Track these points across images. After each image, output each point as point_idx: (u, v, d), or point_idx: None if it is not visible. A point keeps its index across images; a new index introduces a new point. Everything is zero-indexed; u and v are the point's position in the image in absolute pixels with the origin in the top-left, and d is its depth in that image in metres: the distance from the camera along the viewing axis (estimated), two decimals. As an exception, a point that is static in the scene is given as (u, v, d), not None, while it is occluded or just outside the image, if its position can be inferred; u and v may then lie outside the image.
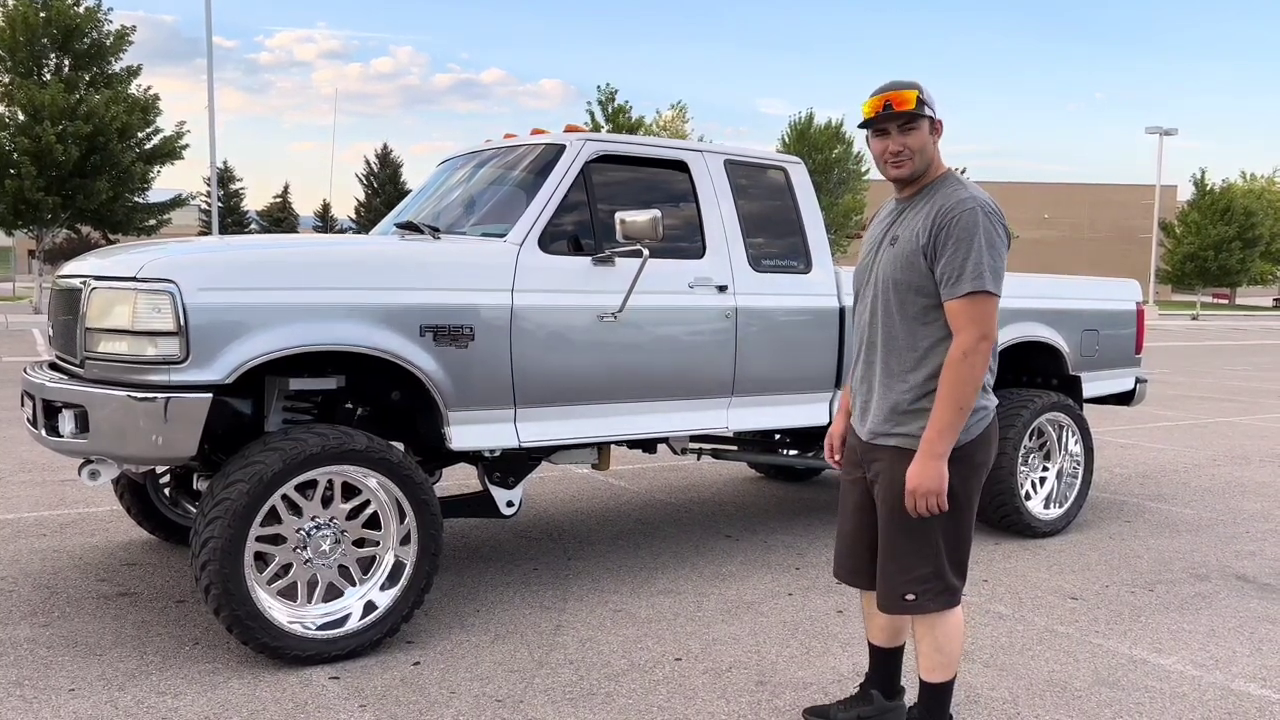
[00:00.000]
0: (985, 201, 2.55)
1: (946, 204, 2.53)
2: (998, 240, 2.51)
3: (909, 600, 2.64)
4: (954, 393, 2.47)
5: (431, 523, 3.68)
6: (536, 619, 4.00)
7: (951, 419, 2.47)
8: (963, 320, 2.48)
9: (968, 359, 2.46)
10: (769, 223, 4.80)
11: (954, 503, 2.57)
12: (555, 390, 4.06)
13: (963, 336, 2.48)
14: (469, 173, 4.83)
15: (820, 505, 6.29)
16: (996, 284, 2.48)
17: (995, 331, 2.51)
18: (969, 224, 2.48)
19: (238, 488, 3.31)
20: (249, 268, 3.51)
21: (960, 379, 2.46)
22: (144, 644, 3.60)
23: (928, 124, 2.61)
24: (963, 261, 2.46)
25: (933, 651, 2.71)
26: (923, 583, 2.62)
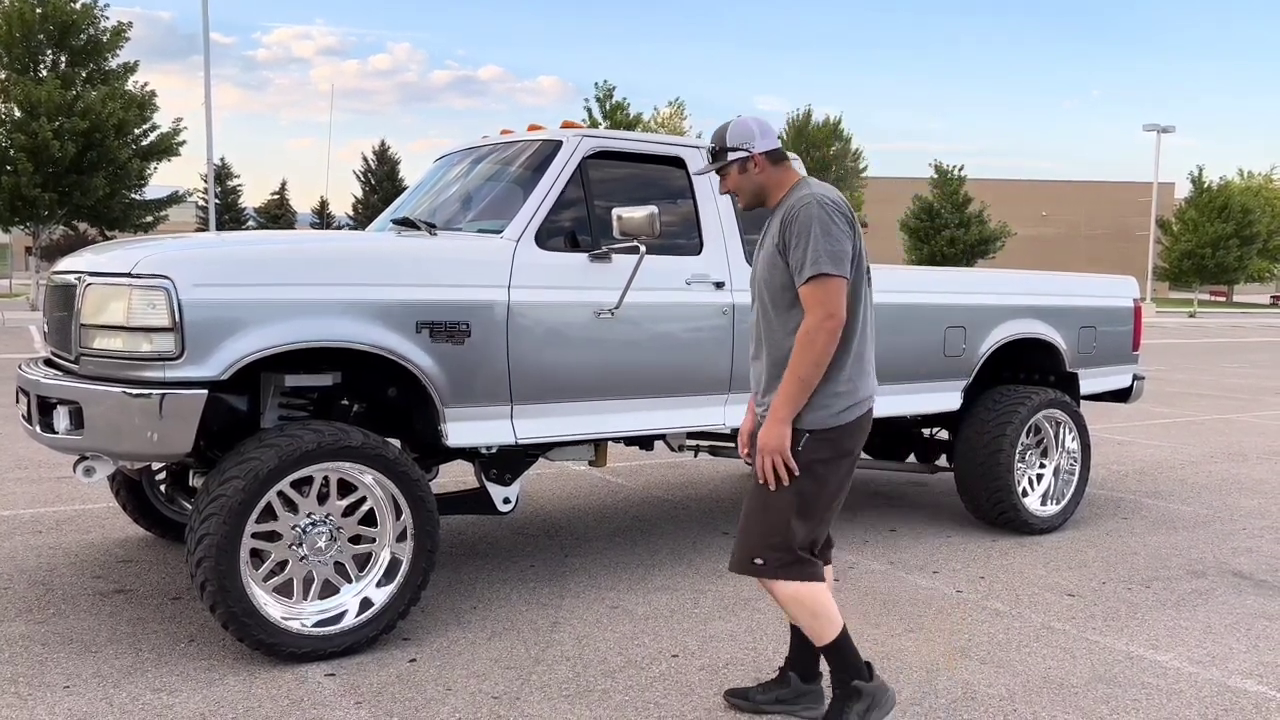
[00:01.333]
0: (823, 195, 2.79)
1: (790, 205, 2.81)
2: (834, 227, 2.73)
3: (757, 564, 2.83)
4: (799, 366, 2.71)
5: (428, 520, 3.67)
6: (533, 616, 4.00)
7: (794, 390, 2.72)
8: (810, 302, 2.72)
9: (810, 336, 2.70)
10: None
11: (812, 478, 2.78)
12: (552, 387, 4.05)
13: (809, 317, 2.72)
14: (466, 169, 4.81)
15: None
16: (835, 265, 2.70)
17: (841, 311, 2.71)
18: (806, 217, 2.74)
19: (233, 484, 3.30)
20: (245, 263, 3.50)
21: (804, 354, 2.70)
22: (139, 641, 3.59)
23: (735, 167, 2.92)
24: (804, 251, 2.72)
25: (810, 620, 2.86)
26: (772, 550, 2.80)
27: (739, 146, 2.90)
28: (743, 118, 2.95)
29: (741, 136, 2.90)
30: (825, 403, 2.78)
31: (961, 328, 5.35)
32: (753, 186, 2.94)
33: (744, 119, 2.94)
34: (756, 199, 2.96)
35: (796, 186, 2.88)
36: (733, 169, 2.93)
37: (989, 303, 5.49)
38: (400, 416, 4.12)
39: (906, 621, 4.03)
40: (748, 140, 2.90)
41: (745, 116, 2.96)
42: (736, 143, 2.90)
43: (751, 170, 2.92)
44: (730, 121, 2.96)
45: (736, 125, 2.93)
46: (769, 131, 2.96)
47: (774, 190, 2.92)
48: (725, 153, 2.92)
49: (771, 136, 2.95)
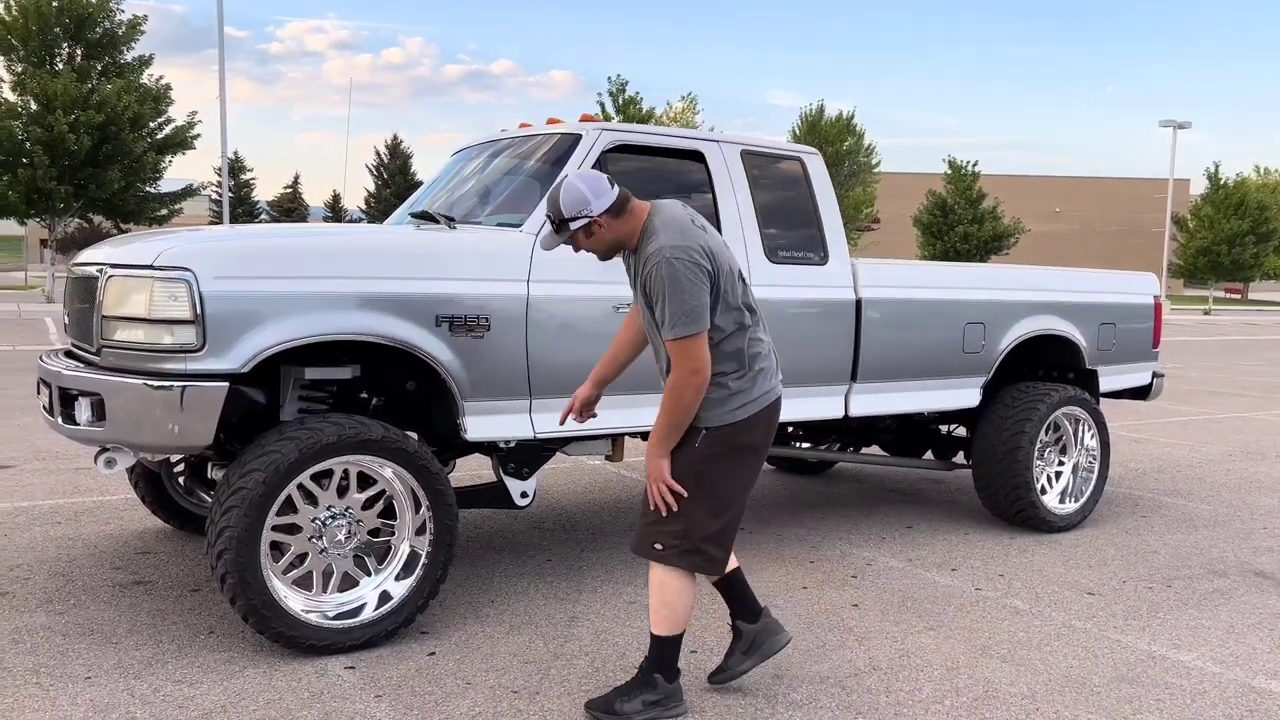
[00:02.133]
0: (671, 248, 2.79)
1: (644, 259, 2.85)
2: (685, 283, 2.76)
3: (657, 549, 2.94)
4: (670, 413, 2.86)
5: (447, 513, 3.67)
6: (551, 610, 3.99)
7: (667, 432, 2.88)
8: (675, 358, 2.83)
9: (678, 390, 2.83)
10: (785, 214, 4.77)
11: (710, 471, 2.91)
12: (570, 381, 4.03)
13: (675, 371, 2.84)
14: (484, 162, 4.80)
15: (833, 499, 6.27)
16: (693, 324, 2.78)
17: (704, 364, 2.81)
18: (659, 278, 2.78)
19: (254, 477, 3.30)
20: (266, 256, 3.50)
21: (674, 404, 2.85)
22: (159, 632, 3.60)
23: (580, 232, 2.93)
24: (664, 312, 2.79)
25: (660, 606, 2.98)
26: (672, 537, 2.93)
27: (577, 215, 2.89)
28: (570, 182, 2.92)
29: (576, 204, 2.89)
30: (719, 403, 2.92)
31: (981, 324, 5.31)
32: (603, 245, 2.97)
33: (571, 184, 2.91)
34: (613, 251, 3.00)
35: (646, 236, 2.90)
36: (579, 236, 2.95)
37: (1009, 299, 5.45)
38: (418, 410, 4.12)
39: (926, 619, 4.00)
40: (583, 206, 2.89)
41: (572, 180, 2.93)
42: (573, 212, 2.89)
43: (598, 231, 2.93)
44: (558, 189, 2.94)
45: (567, 194, 2.90)
46: (600, 188, 2.91)
47: (627, 239, 2.95)
48: (566, 224, 2.92)
49: (605, 192, 2.91)
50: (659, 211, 2.94)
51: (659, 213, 2.93)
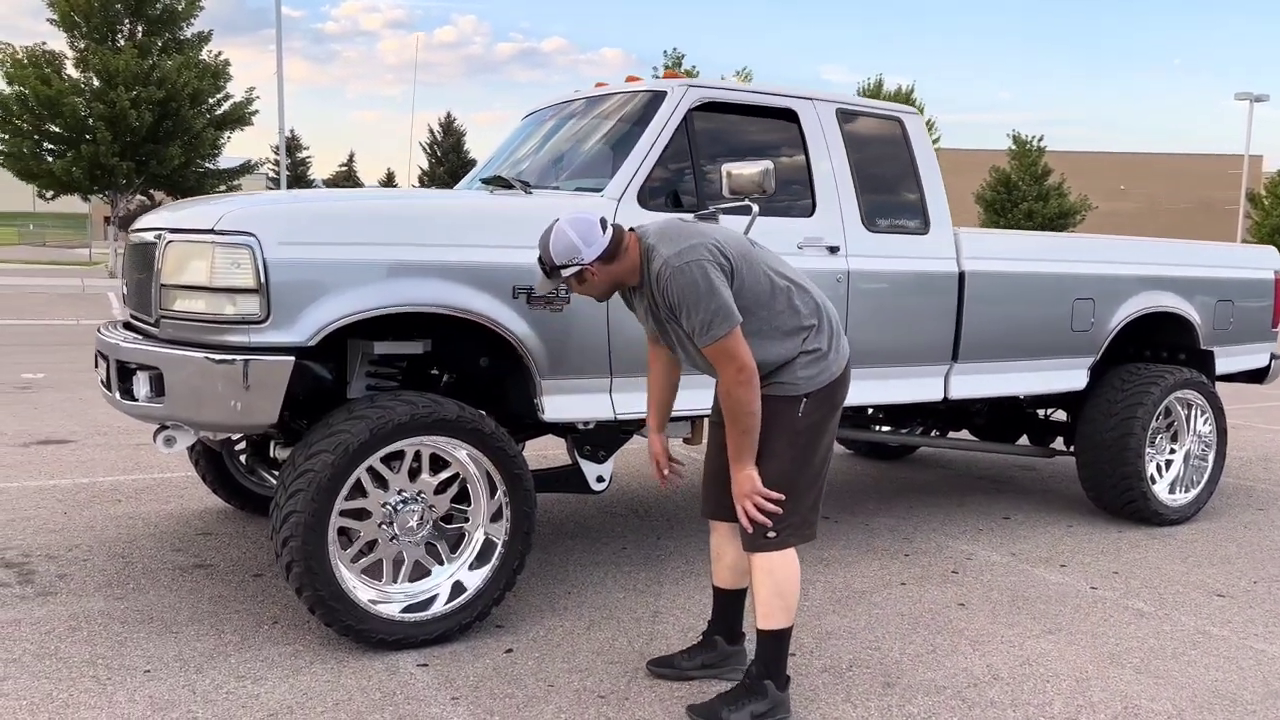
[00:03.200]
0: (678, 255, 2.64)
1: (653, 284, 2.71)
2: (702, 284, 2.61)
3: (770, 537, 2.75)
4: (737, 420, 2.68)
5: (525, 499, 3.40)
6: (632, 604, 3.72)
7: (742, 441, 2.70)
8: (717, 363, 2.67)
9: (730, 394, 2.66)
10: (884, 179, 4.41)
11: (811, 442, 2.76)
12: (654, 358, 3.74)
13: (721, 375, 2.68)
14: (558, 124, 4.50)
15: (919, 485, 5.91)
16: (723, 322, 2.61)
17: (746, 358, 2.64)
18: (675, 291, 2.64)
19: (321, 458, 3.06)
20: (333, 220, 3.24)
21: (734, 412, 2.68)
22: (221, 621, 3.40)
23: (575, 280, 2.78)
24: (692, 321, 2.64)
25: (772, 597, 2.77)
26: (782, 519, 2.73)
27: (569, 263, 2.74)
28: (559, 228, 2.75)
29: (567, 252, 2.73)
30: (813, 363, 2.78)
31: (1090, 300, 4.90)
32: (598, 289, 2.83)
33: (560, 230, 2.75)
34: (610, 292, 2.88)
35: (647, 261, 2.74)
36: (571, 282, 2.81)
37: (1121, 273, 5.03)
38: (492, 388, 3.85)
39: (1042, 622, 3.66)
40: (573, 254, 2.73)
41: (561, 226, 2.76)
42: (564, 260, 2.74)
43: (590, 279, 2.78)
44: (547, 237, 2.78)
45: (556, 241, 2.74)
46: (592, 235, 2.73)
47: (626, 278, 2.80)
48: (557, 271, 2.78)
49: (596, 240, 2.73)
50: (648, 232, 2.80)
51: (648, 233, 2.80)
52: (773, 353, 2.75)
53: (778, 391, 2.75)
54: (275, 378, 3.08)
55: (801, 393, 2.76)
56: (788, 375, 2.77)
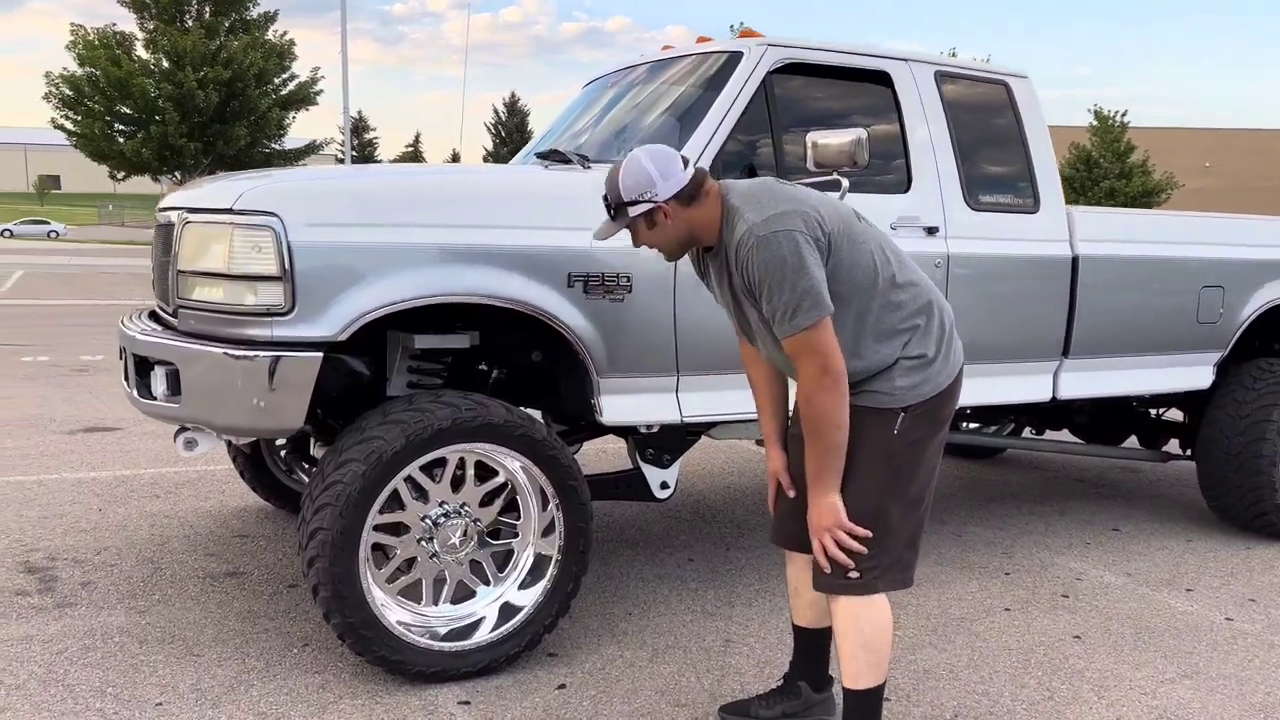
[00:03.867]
0: (766, 223, 2.19)
1: (732, 253, 2.26)
2: (791, 258, 2.16)
3: (852, 578, 2.28)
4: (816, 437, 2.22)
5: (579, 513, 3.02)
6: (700, 629, 3.32)
7: (826, 460, 2.23)
8: (799, 358, 2.22)
9: (813, 401, 2.20)
10: (988, 151, 3.91)
11: (907, 466, 2.31)
12: (727, 354, 3.32)
13: (801, 377, 2.22)
14: (621, 93, 4.08)
15: (1013, 490, 5.40)
16: (811, 310, 2.16)
17: (835, 357, 2.19)
18: (756, 266, 2.19)
19: (351, 469, 2.71)
20: (368, 199, 2.88)
21: (816, 423, 2.21)
22: (247, 643, 3.08)
23: (642, 221, 2.30)
24: (773, 306, 2.20)
25: (858, 651, 2.31)
26: (869, 557, 2.27)
27: (639, 199, 2.28)
28: (632, 158, 2.30)
29: (638, 185, 2.27)
30: (917, 370, 2.30)
31: (1220, 288, 4.34)
32: (670, 240, 2.34)
33: (634, 160, 2.29)
34: (682, 248, 2.38)
35: (728, 220, 2.28)
36: (639, 225, 2.33)
37: (1256, 257, 4.45)
38: (544, 385, 3.47)
39: (1175, 662, 3.16)
40: (646, 188, 2.27)
41: (635, 155, 2.31)
42: (634, 194, 2.28)
43: (663, 222, 2.30)
44: (619, 166, 2.32)
45: (628, 171, 2.29)
46: (671, 168, 2.29)
47: (702, 233, 2.33)
48: (624, 209, 2.30)
49: (675, 172, 2.28)
50: (733, 189, 2.33)
51: (733, 190, 2.33)
52: (869, 355, 2.27)
53: (869, 402, 2.28)
54: (301, 376, 2.73)
55: (899, 405, 2.28)
56: (883, 384, 2.29)
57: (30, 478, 4.90)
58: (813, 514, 2.27)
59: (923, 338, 2.31)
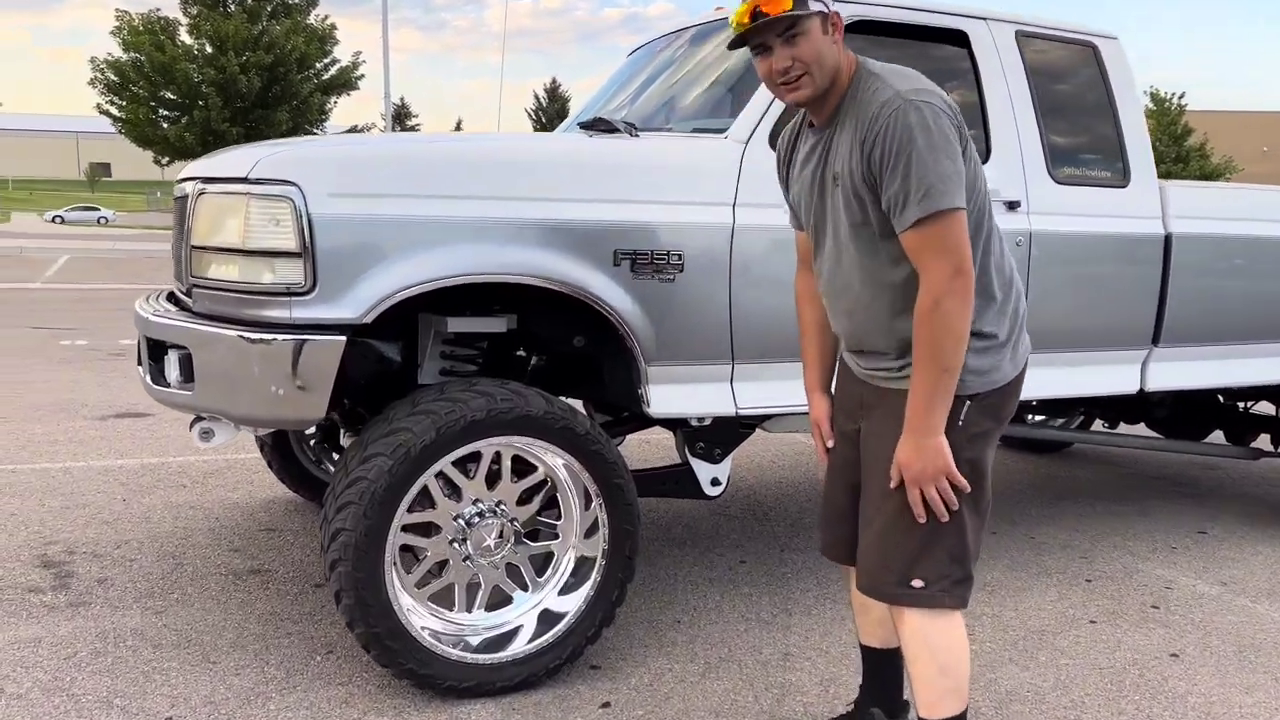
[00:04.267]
0: (915, 91, 1.85)
1: (868, 116, 1.87)
2: (941, 139, 1.82)
3: (916, 588, 1.96)
4: (934, 354, 1.86)
5: (625, 514, 2.75)
6: (756, 640, 3.04)
7: (937, 387, 1.87)
8: (924, 257, 1.85)
9: (942, 306, 1.84)
10: (1074, 119, 3.57)
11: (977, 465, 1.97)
12: (787, 339, 3.03)
13: (928, 280, 1.85)
14: (669, 59, 3.79)
15: (1086, 487, 5.05)
16: (954, 195, 1.82)
17: (969, 260, 1.84)
18: (898, 131, 1.83)
19: (377, 464, 2.46)
20: (395, 167, 2.63)
21: (937, 335, 1.85)
22: (267, 649, 2.86)
23: (819, 22, 1.91)
24: (903, 182, 1.83)
25: (936, 678, 1.99)
26: (939, 566, 1.95)
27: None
28: None
29: None
30: (986, 354, 1.96)
31: (1329, 270, 3.95)
32: (834, 60, 1.92)
33: None
34: (817, 91, 1.93)
35: (861, 82, 1.93)
36: (813, 25, 1.90)
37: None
38: (586, 373, 3.22)
39: (1290, 687, 2.83)
40: None
41: None
42: None
43: (830, 37, 1.92)
44: None
45: None
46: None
47: (841, 76, 1.94)
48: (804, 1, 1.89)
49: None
50: (868, 62, 1.98)
51: (868, 62, 1.98)
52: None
53: None
54: (322, 362, 2.49)
55: (965, 392, 1.94)
56: None
57: (57, 465, 4.75)
58: (913, 455, 1.89)
59: (999, 315, 1.99)
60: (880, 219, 1.91)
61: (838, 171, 1.95)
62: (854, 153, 1.89)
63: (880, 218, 1.90)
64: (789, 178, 2.16)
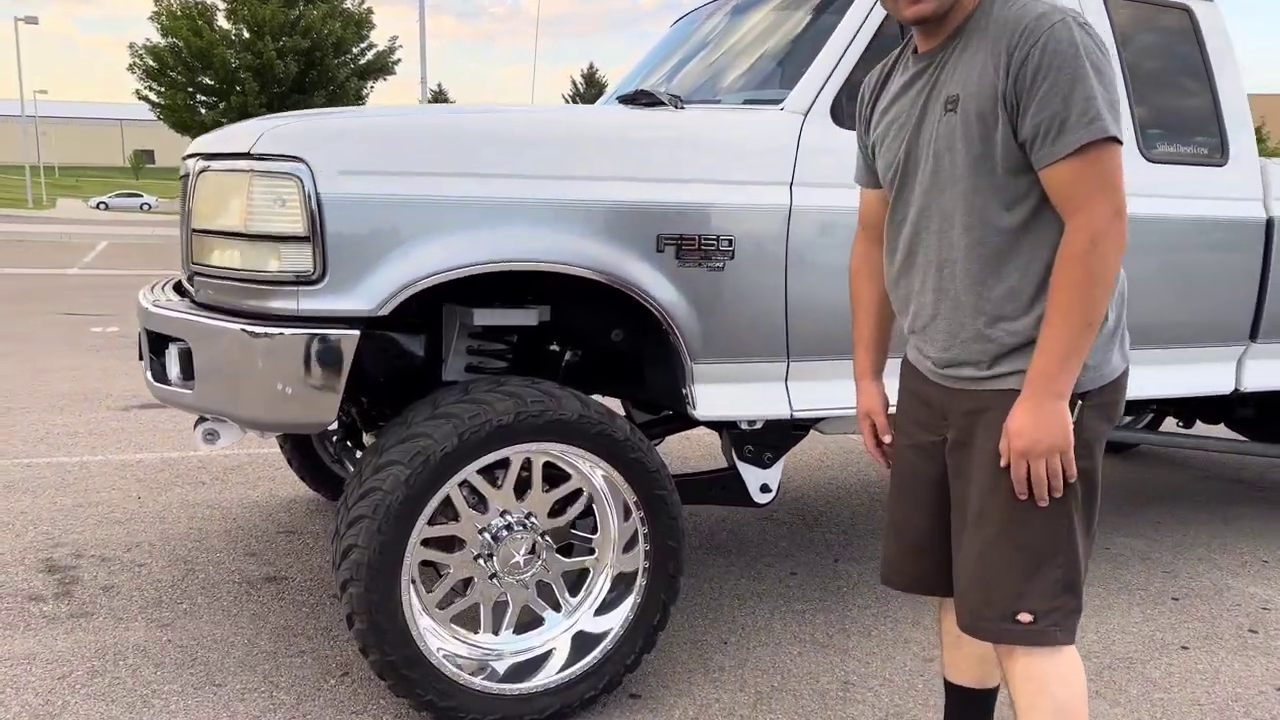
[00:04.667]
0: (1073, 14, 1.57)
1: (1019, 28, 1.57)
2: (1105, 64, 1.56)
3: (1024, 623, 1.66)
4: (1081, 302, 1.55)
5: (669, 530, 2.48)
6: (811, 665, 2.76)
7: (1076, 342, 1.57)
8: (1079, 192, 1.54)
9: (1098, 249, 1.53)
10: (1167, 91, 3.23)
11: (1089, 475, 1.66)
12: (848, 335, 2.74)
13: (1085, 218, 1.54)
14: (717, 25, 3.49)
15: (1162, 491, 4.70)
16: (1119, 126, 1.55)
17: (1125, 204, 1.55)
18: (1062, 46, 1.53)
19: (393, 474, 2.21)
20: (414, 142, 2.36)
21: (1087, 280, 1.54)
22: (278, 669, 2.63)
23: None
24: (1064, 102, 1.52)
25: (1054, 715, 1.66)
26: (1049, 598, 1.65)
27: None
28: None
29: None
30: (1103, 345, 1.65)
31: None
32: None
33: None
34: (941, 7, 1.64)
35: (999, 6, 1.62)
36: None
37: None
38: (625, 370, 2.94)
39: None
40: None
41: None
42: None
43: None
44: None
45: None
46: None
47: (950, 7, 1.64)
48: None
49: None
50: None
51: None
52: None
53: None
54: (332, 359, 2.23)
55: (1077, 390, 1.62)
56: None
57: (73, 459, 4.57)
58: (1030, 421, 1.57)
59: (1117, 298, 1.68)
60: (1008, 150, 1.59)
61: (956, 95, 1.64)
62: (991, 70, 1.58)
63: (1008, 149, 1.59)
64: (871, 118, 1.86)
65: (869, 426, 2.00)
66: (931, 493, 1.82)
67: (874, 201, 1.93)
